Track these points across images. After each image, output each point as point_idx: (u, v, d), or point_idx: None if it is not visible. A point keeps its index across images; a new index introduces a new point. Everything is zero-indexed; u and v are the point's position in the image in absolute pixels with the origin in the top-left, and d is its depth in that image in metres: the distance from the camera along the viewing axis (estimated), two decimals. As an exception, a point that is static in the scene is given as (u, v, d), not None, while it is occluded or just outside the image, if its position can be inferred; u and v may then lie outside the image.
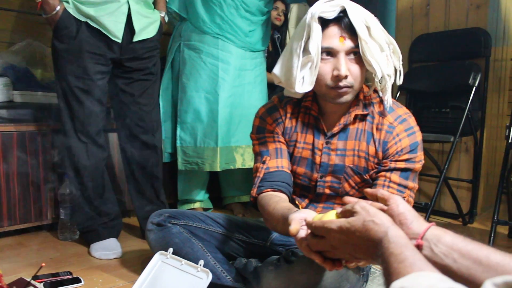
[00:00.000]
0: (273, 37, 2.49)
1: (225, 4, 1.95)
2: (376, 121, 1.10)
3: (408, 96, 2.39)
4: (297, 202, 1.22)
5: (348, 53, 1.01)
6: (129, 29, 1.62)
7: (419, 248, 0.60)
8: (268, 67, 2.18)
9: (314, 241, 0.74)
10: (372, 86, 1.10)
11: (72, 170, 1.65)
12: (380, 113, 1.11)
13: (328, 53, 1.01)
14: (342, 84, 1.01)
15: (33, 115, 1.85)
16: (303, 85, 1.02)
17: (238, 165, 2.08)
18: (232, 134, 2.06)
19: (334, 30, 1.00)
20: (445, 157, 2.20)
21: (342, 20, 0.99)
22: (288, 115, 1.17)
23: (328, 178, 1.15)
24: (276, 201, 1.04)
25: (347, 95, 1.03)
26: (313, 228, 0.73)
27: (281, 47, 2.51)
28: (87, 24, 1.55)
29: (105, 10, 1.55)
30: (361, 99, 1.11)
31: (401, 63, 1.05)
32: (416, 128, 1.10)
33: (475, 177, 2.19)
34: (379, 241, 0.60)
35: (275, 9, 2.46)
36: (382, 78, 1.03)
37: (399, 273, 0.51)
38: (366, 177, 1.12)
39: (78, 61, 1.56)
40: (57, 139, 1.86)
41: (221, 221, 1.33)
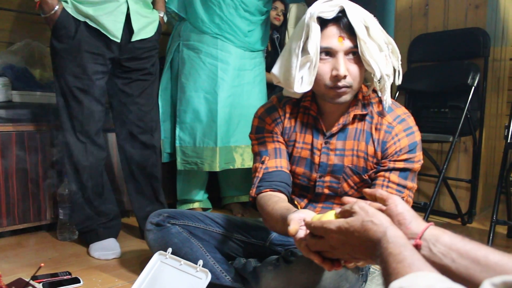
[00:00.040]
0: (272, 37, 2.49)
1: (224, 4, 1.95)
2: (375, 121, 1.11)
3: (407, 96, 2.39)
4: (296, 202, 1.22)
5: (347, 53, 1.01)
6: (128, 29, 1.62)
7: (417, 248, 0.60)
8: (267, 67, 2.17)
9: (313, 241, 0.74)
10: (371, 86, 1.10)
11: (71, 170, 1.65)
12: (379, 113, 1.11)
13: (327, 53, 1.01)
14: (341, 84, 1.01)
15: (32, 115, 1.85)
16: (301, 85, 1.02)
17: (238, 165, 2.08)
18: (232, 134, 2.06)
19: (333, 30, 1.00)
20: (444, 157, 2.20)
21: (341, 20, 0.99)
22: (287, 115, 1.17)
23: (327, 178, 1.15)
24: (275, 201, 1.04)
25: (346, 95, 1.03)
26: (312, 228, 0.73)
27: (280, 47, 2.51)
28: (85, 23, 1.54)
29: (103, 10, 1.55)
30: (360, 99, 1.11)
31: (400, 63, 1.05)
32: (415, 128, 1.10)
33: (474, 177, 2.19)
34: (377, 241, 0.60)
35: (274, 9, 2.46)
36: (381, 78, 1.03)
37: (397, 273, 0.52)
38: (365, 177, 1.12)
39: (76, 61, 1.55)
40: (56, 139, 1.86)
41: (220, 221, 1.33)
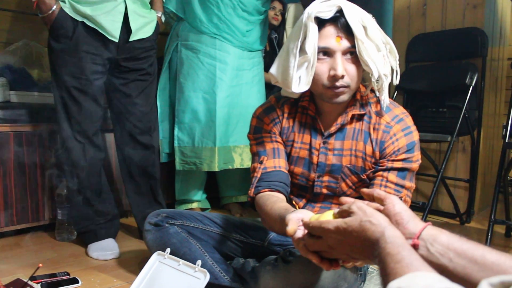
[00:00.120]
0: (271, 37, 2.49)
1: (222, 4, 1.95)
2: (373, 120, 1.11)
3: (406, 95, 2.40)
4: (294, 202, 1.22)
5: (344, 53, 1.01)
6: (126, 28, 1.61)
7: (415, 248, 0.61)
8: (266, 67, 2.17)
9: (311, 241, 0.74)
10: (369, 86, 1.10)
11: (70, 171, 1.65)
12: (377, 112, 1.11)
13: (324, 53, 1.01)
14: (338, 84, 1.01)
15: (30, 115, 1.84)
16: (299, 85, 1.02)
17: (237, 165, 2.08)
18: (230, 134, 2.05)
19: (331, 30, 1.00)
20: (442, 156, 2.20)
21: (339, 20, 1.00)
22: (285, 115, 1.17)
23: (326, 178, 1.15)
24: (274, 201, 1.04)
25: (344, 95, 1.03)
26: (310, 228, 0.73)
27: (279, 47, 2.51)
28: (83, 23, 1.54)
29: (101, 9, 1.54)
30: (358, 99, 1.11)
31: (397, 63, 1.05)
32: (413, 128, 1.10)
33: (472, 176, 2.19)
34: (376, 241, 0.60)
35: (273, 9, 2.46)
36: (379, 78, 1.03)
37: (396, 273, 0.52)
38: (363, 177, 1.12)
39: (74, 61, 1.55)
40: (54, 139, 1.85)
41: (219, 221, 1.33)
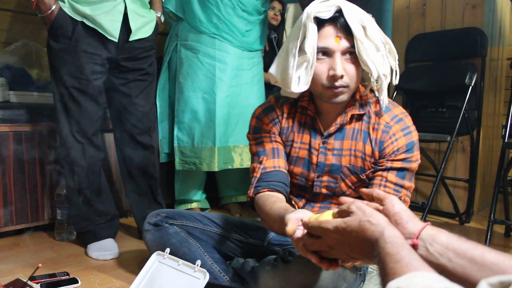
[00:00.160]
0: (270, 37, 2.49)
1: (221, 3, 1.95)
2: (372, 120, 1.11)
3: (405, 95, 2.40)
4: (293, 202, 1.22)
5: (344, 53, 1.01)
6: (125, 28, 1.61)
7: (414, 248, 0.61)
8: (265, 67, 2.17)
9: (310, 241, 0.74)
10: (369, 86, 1.10)
11: (69, 171, 1.65)
12: (377, 112, 1.11)
13: (324, 53, 1.01)
14: (338, 84, 1.01)
15: (29, 115, 1.84)
16: (298, 85, 1.02)
17: (237, 165, 2.08)
18: (230, 134, 2.05)
19: (330, 30, 1.00)
20: (441, 156, 2.20)
21: (338, 20, 1.00)
22: (285, 115, 1.17)
23: (325, 178, 1.15)
24: (273, 201, 1.04)
25: (343, 95, 1.03)
26: (310, 228, 0.73)
27: (278, 47, 2.51)
28: (83, 23, 1.54)
29: (101, 9, 1.54)
30: (358, 99, 1.11)
31: (397, 63, 1.05)
32: (413, 128, 1.10)
33: (472, 176, 2.19)
34: (375, 241, 0.60)
35: (272, 9, 2.46)
36: (378, 78, 1.03)
37: (395, 273, 0.52)
38: (362, 177, 1.12)
39: (74, 61, 1.55)
40: (54, 139, 1.85)
41: (218, 221, 1.33)
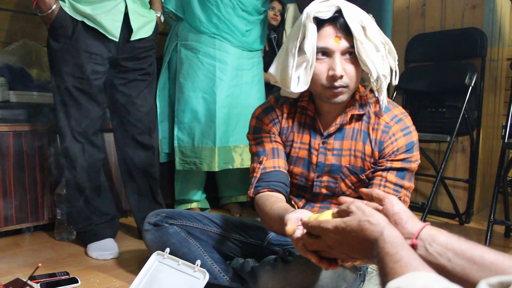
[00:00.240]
0: (270, 37, 2.49)
1: (221, 3, 1.95)
2: (372, 121, 1.11)
3: (405, 96, 2.40)
4: (293, 202, 1.22)
5: (343, 53, 1.01)
6: (126, 28, 1.61)
7: (414, 248, 0.60)
8: (265, 67, 2.17)
9: (310, 241, 0.74)
10: (368, 86, 1.10)
11: (69, 170, 1.65)
12: (376, 113, 1.11)
13: (323, 53, 1.01)
14: (337, 84, 1.01)
15: (29, 115, 1.84)
16: (298, 85, 1.03)
17: (237, 165, 2.08)
18: (230, 134, 2.05)
19: (330, 30, 1.00)
20: (441, 156, 2.20)
21: (338, 20, 1.00)
22: (285, 115, 1.17)
23: (325, 178, 1.15)
24: (273, 201, 1.04)
25: (343, 95, 1.04)
26: (309, 227, 0.73)
27: (278, 47, 2.51)
28: (83, 23, 1.54)
29: (102, 9, 1.54)
30: (357, 99, 1.11)
31: (396, 63, 1.05)
32: (412, 128, 1.10)
33: (472, 176, 2.19)
34: (374, 241, 0.60)
35: (272, 9, 2.46)
36: (378, 78, 1.03)
37: (394, 273, 0.52)
38: (362, 177, 1.12)
39: (74, 61, 1.55)
40: (53, 139, 1.85)
41: (218, 221, 1.33)
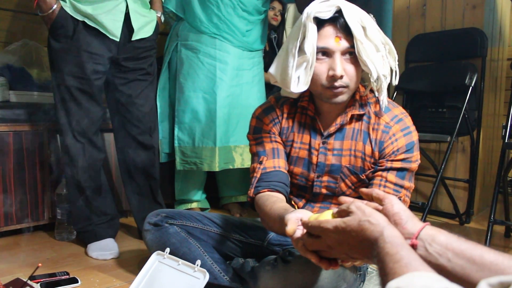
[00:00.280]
0: (270, 37, 2.49)
1: (222, 3, 1.95)
2: (372, 121, 1.11)
3: (405, 96, 2.40)
4: (293, 202, 1.22)
5: (343, 53, 1.01)
6: (127, 28, 1.61)
7: (413, 248, 0.61)
8: (265, 67, 2.18)
9: (310, 241, 0.74)
10: (368, 86, 1.10)
11: (69, 170, 1.65)
12: (376, 113, 1.11)
13: (323, 53, 1.01)
14: (337, 84, 1.01)
15: (29, 115, 1.84)
16: (298, 85, 1.03)
17: (238, 165, 2.08)
18: (231, 134, 2.05)
19: (330, 30, 1.00)
20: (441, 156, 2.20)
21: (338, 20, 1.00)
22: (285, 115, 1.18)
23: (325, 178, 1.15)
24: (273, 201, 1.04)
25: (343, 95, 1.04)
26: (309, 227, 0.73)
27: (278, 47, 2.51)
28: (84, 23, 1.53)
29: (102, 8, 1.54)
30: (357, 99, 1.11)
31: (397, 63, 1.05)
32: (412, 128, 1.10)
33: (472, 176, 2.19)
34: (374, 241, 0.60)
35: (272, 9, 2.46)
36: (378, 79, 1.03)
37: (394, 273, 0.52)
38: (362, 177, 1.12)
39: (75, 61, 1.55)
40: (54, 139, 1.85)
41: (218, 221, 1.33)
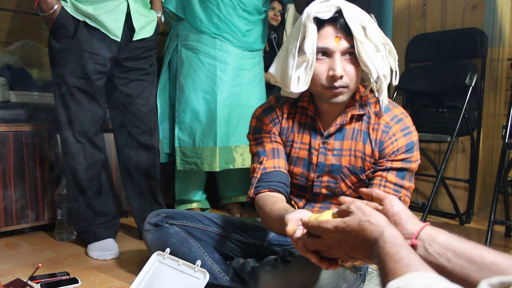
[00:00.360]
0: (270, 37, 2.49)
1: (222, 3, 1.95)
2: (372, 121, 1.11)
3: (405, 96, 2.40)
4: (294, 202, 1.22)
5: (343, 53, 1.01)
6: (127, 28, 1.61)
7: (413, 248, 0.61)
8: (265, 67, 2.18)
9: (310, 241, 0.74)
10: (368, 86, 1.10)
11: (69, 171, 1.65)
12: (376, 113, 1.11)
13: (323, 53, 1.01)
14: (337, 84, 1.01)
15: (30, 115, 1.85)
16: (298, 85, 1.03)
17: (238, 165, 2.08)
18: (231, 134, 2.05)
19: (330, 31, 1.00)
20: (442, 157, 2.20)
21: (338, 21, 1.00)
22: (285, 115, 1.18)
23: (325, 178, 1.15)
24: (273, 202, 1.04)
25: (343, 95, 1.04)
26: (309, 227, 0.73)
27: (278, 47, 2.51)
28: (85, 23, 1.53)
29: (104, 8, 1.54)
30: (358, 99, 1.11)
31: (397, 63, 1.05)
32: (412, 128, 1.10)
33: (472, 176, 2.19)
34: (374, 241, 0.60)
35: (272, 9, 2.46)
36: (378, 79, 1.04)
37: (395, 273, 0.52)
38: (362, 177, 1.12)
39: (75, 61, 1.55)
40: (54, 139, 1.85)
41: (218, 221, 1.33)
